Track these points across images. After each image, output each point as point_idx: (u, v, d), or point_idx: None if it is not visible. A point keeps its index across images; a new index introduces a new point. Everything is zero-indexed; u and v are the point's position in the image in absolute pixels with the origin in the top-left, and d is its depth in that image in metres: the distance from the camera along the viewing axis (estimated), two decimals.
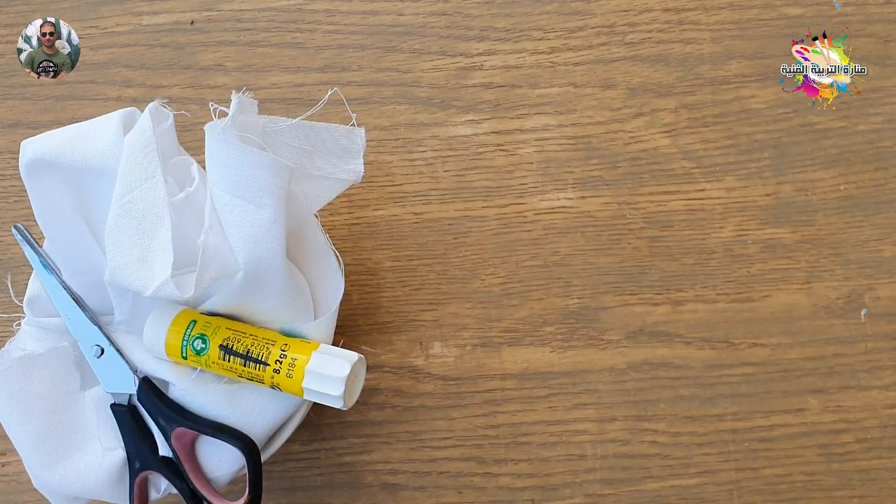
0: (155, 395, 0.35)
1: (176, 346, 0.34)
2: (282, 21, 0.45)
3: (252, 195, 0.33)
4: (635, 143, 0.43)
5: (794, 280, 0.41)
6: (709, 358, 0.41)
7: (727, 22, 0.43)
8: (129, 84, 0.45)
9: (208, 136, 0.33)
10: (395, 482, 0.41)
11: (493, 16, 0.44)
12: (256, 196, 0.33)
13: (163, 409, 0.35)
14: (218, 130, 0.33)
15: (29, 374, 0.36)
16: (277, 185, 0.33)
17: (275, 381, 0.34)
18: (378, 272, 0.43)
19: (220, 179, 0.34)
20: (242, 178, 0.33)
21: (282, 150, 0.35)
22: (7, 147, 0.45)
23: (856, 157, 0.42)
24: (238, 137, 0.33)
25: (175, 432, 0.35)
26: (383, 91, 0.44)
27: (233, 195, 0.33)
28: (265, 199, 0.33)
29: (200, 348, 0.34)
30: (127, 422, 0.36)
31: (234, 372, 0.34)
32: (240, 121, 0.33)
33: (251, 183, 0.33)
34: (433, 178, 0.43)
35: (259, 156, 0.33)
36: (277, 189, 0.33)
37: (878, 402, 0.40)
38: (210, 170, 0.34)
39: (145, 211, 0.33)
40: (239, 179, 0.33)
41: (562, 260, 0.42)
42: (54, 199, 0.35)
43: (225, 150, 0.33)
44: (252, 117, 0.34)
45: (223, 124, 0.33)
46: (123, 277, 0.33)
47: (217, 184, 0.34)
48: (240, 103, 0.33)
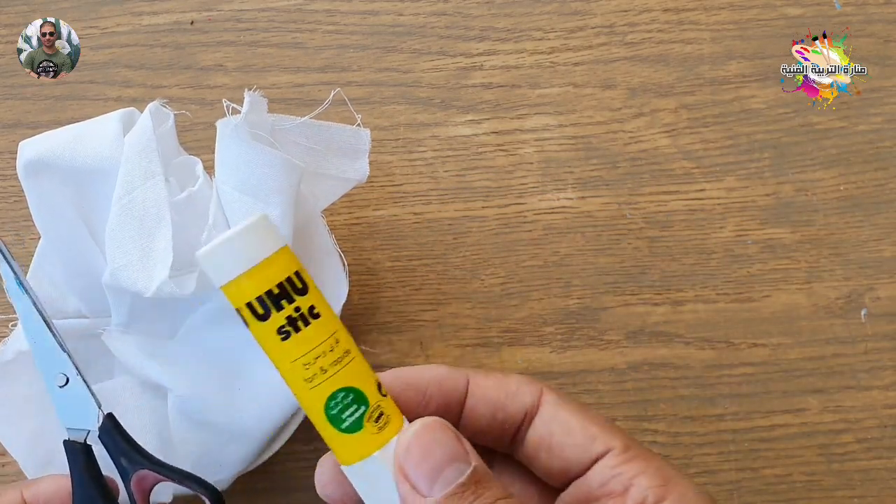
0: (119, 434, 0.33)
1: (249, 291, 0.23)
2: (282, 21, 0.45)
3: (261, 193, 0.33)
4: (635, 143, 0.43)
5: (794, 280, 0.41)
6: (709, 358, 0.41)
7: (727, 22, 0.43)
8: (129, 84, 0.45)
9: (219, 133, 0.33)
10: None
11: (493, 16, 0.44)
12: (266, 194, 0.33)
13: (125, 449, 0.32)
14: (230, 127, 0.33)
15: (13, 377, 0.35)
16: (287, 183, 0.33)
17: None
18: (378, 272, 0.43)
19: (230, 177, 0.34)
20: (253, 175, 0.33)
21: (289, 149, 0.35)
22: (6, 147, 0.45)
23: (856, 158, 0.42)
24: (250, 135, 0.33)
25: (136, 475, 0.32)
26: (383, 91, 0.44)
27: (242, 193, 0.33)
28: (274, 198, 0.33)
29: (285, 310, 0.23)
30: (80, 461, 0.33)
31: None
32: (250, 119, 0.33)
33: (261, 181, 0.33)
34: (433, 178, 0.43)
35: (271, 154, 0.33)
36: (287, 188, 0.33)
37: (878, 403, 0.40)
38: (219, 167, 0.34)
39: (146, 211, 0.33)
40: (249, 177, 0.33)
41: (562, 260, 0.42)
42: (52, 200, 0.35)
43: (236, 147, 0.33)
44: (262, 115, 0.34)
45: (235, 121, 0.33)
46: (124, 278, 0.33)
47: (226, 181, 0.34)
48: (252, 101, 0.33)
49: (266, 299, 0.23)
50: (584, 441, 0.25)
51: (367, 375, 0.24)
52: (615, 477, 0.25)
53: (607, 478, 0.25)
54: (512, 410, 0.27)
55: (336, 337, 0.24)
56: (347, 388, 0.24)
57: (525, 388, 0.27)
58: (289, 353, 0.23)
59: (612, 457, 0.25)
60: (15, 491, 0.32)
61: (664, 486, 0.24)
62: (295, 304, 0.23)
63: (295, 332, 0.23)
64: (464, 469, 0.23)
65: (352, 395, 0.24)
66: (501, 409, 0.27)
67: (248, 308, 0.23)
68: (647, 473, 0.25)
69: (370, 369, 0.25)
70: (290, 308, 0.23)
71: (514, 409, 0.27)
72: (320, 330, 0.24)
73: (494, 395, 0.27)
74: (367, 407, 0.24)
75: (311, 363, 0.24)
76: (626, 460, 0.25)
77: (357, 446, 0.24)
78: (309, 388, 0.24)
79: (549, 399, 0.27)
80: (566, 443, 0.26)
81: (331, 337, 0.24)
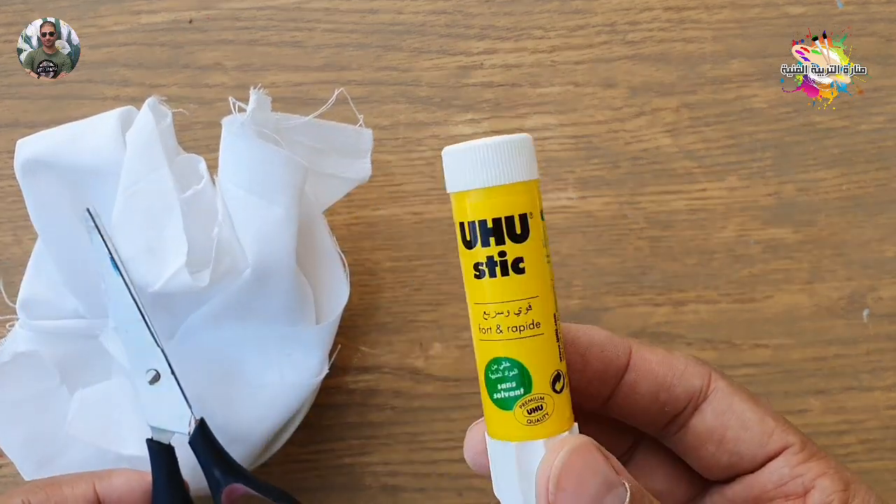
0: (211, 443, 0.32)
1: (468, 211, 0.21)
2: (280, 20, 0.45)
3: (266, 192, 0.33)
4: (636, 142, 0.42)
5: (796, 280, 0.41)
6: (710, 359, 0.41)
7: (729, 21, 0.43)
8: (128, 83, 0.45)
9: (225, 131, 0.33)
10: (394, 484, 0.41)
11: (494, 14, 0.44)
12: (271, 193, 0.33)
13: (218, 460, 0.32)
14: (236, 126, 0.32)
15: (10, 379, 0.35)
16: (292, 182, 0.33)
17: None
18: (378, 272, 0.42)
19: (235, 175, 0.33)
20: (258, 174, 0.33)
21: (291, 148, 0.35)
22: (4, 147, 0.45)
23: (858, 157, 0.42)
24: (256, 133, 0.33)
25: (229, 488, 0.32)
26: (383, 90, 0.44)
27: (246, 191, 0.33)
28: (279, 197, 0.33)
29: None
30: (164, 463, 0.32)
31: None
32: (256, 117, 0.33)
33: (266, 179, 0.33)
34: (433, 177, 0.43)
35: (276, 153, 0.33)
36: (292, 187, 0.33)
37: (880, 403, 0.40)
38: (224, 165, 0.34)
39: (152, 202, 0.33)
40: (254, 175, 0.33)
41: (562, 260, 0.42)
42: (50, 199, 0.34)
43: (242, 145, 0.33)
44: (266, 114, 0.34)
45: (241, 119, 0.32)
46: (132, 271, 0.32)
47: (231, 179, 0.34)
48: (258, 99, 0.33)
49: (477, 228, 0.21)
50: (762, 436, 0.24)
51: (548, 361, 0.22)
52: (795, 478, 0.23)
53: (786, 477, 0.23)
54: (678, 392, 0.24)
55: (531, 303, 0.21)
56: (514, 362, 0.21)
57: (694, 370, 0.24)
58: (474, 294, 0.22)
59: (790, 455, 0.24)
60: (87, 483, 0.31)
61: (846, 490, 0.23)
62: (501, 248, 0.21)
63: (490, 276, 0.21)
64: (623, 495, 0.21)
65: (516, 370, 0.21)
66: (666, 390, 0.24)
67: (461, 228, 0.21)
68: (829, 476, 0.23)
69: (557, 356, 0.22)
70: (495, 250, 0.21)
71: (681, 391, 0.24)
72: (515, 287, 0.21)
73: (661, 372, 0.24)
74: (527, 392, 0.21)
75: (491, 316, 0.22)
76: (806, 459, 0.23)
77: (502, 424, 0.22)
78: (479, 339, 0.22)
79: (720, 386, 0.24)
80: (742, 437, 0.24)
81: (524, 300, 0.21)
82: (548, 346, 0.22)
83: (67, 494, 0.30)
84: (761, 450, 0.24)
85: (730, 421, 0.24)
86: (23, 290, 0.37)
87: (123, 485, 0.31)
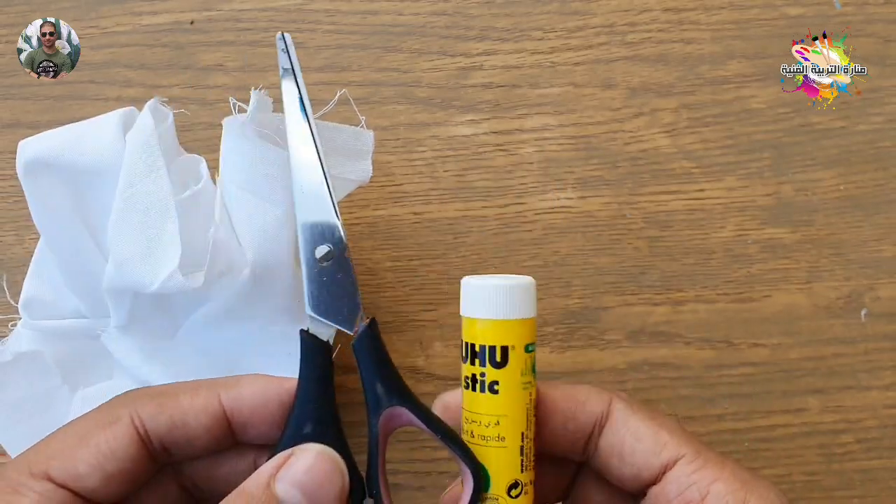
0: (379, 352, 0.27)
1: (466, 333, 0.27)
2: (281, 21, 0.45)
3: (267, 192, 0.33)
4: (635, 142, 0.43)
5: (794, 280, 0.41)
6: (709, 358, 0.41)
7: (727, 22, 0.43)
8: (129, 84, 0.45)
9: (226, 131, 0.33)
10: (394, 482, 0.41)
11: (494, 15, 0.44)
12: (271, 193, 0.33)
13: (384, 375, 0.27)
14: (237, 125, 0.33)
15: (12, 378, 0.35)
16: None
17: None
18: (378, 272, 0.43)
19: (235, 175, 0.34)
20: (258, 174, 0.33)
21: None
22: (6, 147, 0.45)
23: (856, 158, 0.42)
24: (256, 133, 0.33)
25: (389, 411, 0.27)
26: (383, 91, 0.44)
27: (247, 191, 0.33)
28: (279, 196, 0.33)
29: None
30: (318, 363, 0.27)
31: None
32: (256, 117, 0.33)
33: (267, 179, 0.33)
34: (433, 178, 0.43)
35: (277, 152, 0.33)
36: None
37: (878, 403, 0.40)
38: (224, 165, 0.34)
39: (149, 204, 0.33)
40: (255, 175, 0.33)
41: (562, 260, 0.42)
42: (52, 200, 0.35)
43: (242, 145, 0.33)
44: (267, 114, 0.34)
45: (242, 119, 0.33)
46: (127, 273, 0.32)
47: (231, 179, 0.34)
48: (258, 100, 0.33)
49: (468, 349, 0.26)
50: (655, 447, 0.26)
51: (507, 470, 0.26)
52: (691, 485, 0.25)
53: (683, 486, 0.25)
54: (582, 420, 0.27)
55: (500, 420, 0.26)
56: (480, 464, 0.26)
57: (596, 398, 0.27)
58: (463, 399, 0.27)
59: (684, 464, 0.25)
60: (210, 392, 0.26)
61: (742, 489, 0.24)
62: (481, 370, 0.26)
63: (472, 389, 0.26)
64: None
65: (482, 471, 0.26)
66: (572, 420, 0.27)
67: (462, 344, 0.27)
68: (723, 479, 0.25)
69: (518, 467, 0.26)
70: (478, 370, 0.26)
71: (584, 418, 0.27)
72: (488, 404, 0.26)
73: (563, 406, 0.27)
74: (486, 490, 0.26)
75: (468, 421, 0.26)
76: (699, 467, 0.25)
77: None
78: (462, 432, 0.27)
79: (620, 407, 0.27)
80: (637, 449, 0.26)
81: (493, 416, 0.26)
82: (509, 458, 0.26)
83: (185, 406, 0.26)
84: (656, 459, 0.26)
85: (625, 436, 0.26)
86: (25, 289, 0.37)
87: (256, 395, 0.27)
